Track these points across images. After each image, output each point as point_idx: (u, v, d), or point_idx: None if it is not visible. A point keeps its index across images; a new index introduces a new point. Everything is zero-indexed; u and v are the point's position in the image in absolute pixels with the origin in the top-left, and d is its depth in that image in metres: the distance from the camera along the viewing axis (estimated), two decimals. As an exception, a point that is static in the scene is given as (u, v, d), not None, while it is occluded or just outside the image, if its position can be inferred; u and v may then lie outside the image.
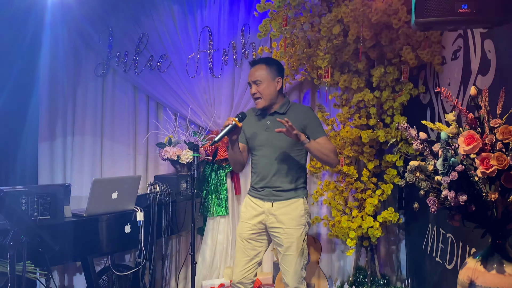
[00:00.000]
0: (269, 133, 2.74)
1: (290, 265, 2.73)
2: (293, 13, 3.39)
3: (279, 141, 2.71)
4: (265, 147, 2.75)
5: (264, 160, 2.75)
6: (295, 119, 2.66)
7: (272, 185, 2.73)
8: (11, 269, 2.03)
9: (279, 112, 2.75)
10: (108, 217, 3.11)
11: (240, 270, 2.81)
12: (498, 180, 1.69)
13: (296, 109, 2.79)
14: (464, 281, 1.78)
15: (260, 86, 2.71)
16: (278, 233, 2.73)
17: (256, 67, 2.74)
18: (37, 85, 4.15)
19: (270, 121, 2.76)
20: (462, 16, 1.83)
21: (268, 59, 2.82)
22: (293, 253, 2.71)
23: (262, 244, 2.83)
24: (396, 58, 3.37)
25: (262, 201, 2.76)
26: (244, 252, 2.81)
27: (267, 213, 2.75)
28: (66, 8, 4.05)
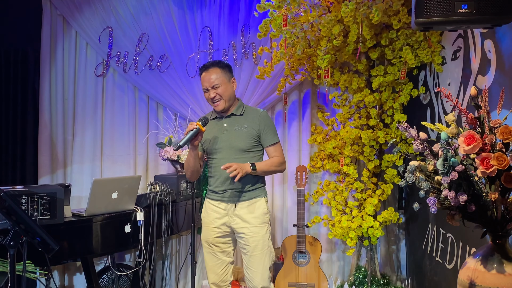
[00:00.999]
0: (227, 135, 2.75)
1: (258, 265, 2.72)
2: (293, 13, 3.39)
3: (238, 142, 2.73)
4: (224, 149, 2.75)
5: (223, 162, 2.70)
6: (252, 122, 2.74)
7: (233, 186, 2.73)
8: (11, 269, 2.03)
9: (236, 114, 2.78)
10: (108, 217, 3.11)
11: (214, 274, 2.82)
12: (498, 180, 1.69)
13: (252, 112, 2.81)
14: (464, 281, 1.78)
15: (219, 89, 2.71)
16: (243, 233, 2.73)
17: (210, 71, 2.73)
18: (37, 84, 4.16)
19: (227, 123, 2.77)
20: (462, 16, 1.83)
21: (219, 62, 2.80)
22: (260, 252, 2.72)
23: (229, 245, 2.83)
24: (396, 58, 3.37)
25: (225, 203, 2.76)
26: (214, 256, 2.81)
27: (231, 215, 2.75)
28: (66, 8, 4.06)
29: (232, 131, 2.74)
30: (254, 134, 2.74)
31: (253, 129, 2.74)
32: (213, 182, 2.82)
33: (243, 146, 2.72)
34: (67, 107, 4.16)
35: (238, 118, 2.76)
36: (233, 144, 2.73)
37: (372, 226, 3.52)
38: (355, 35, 3.20)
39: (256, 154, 2.78)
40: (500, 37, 2.20)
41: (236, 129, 2.74)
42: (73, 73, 4.17)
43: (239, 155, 2.72)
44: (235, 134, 2.73)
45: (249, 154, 2.74)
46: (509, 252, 1.74)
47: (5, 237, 2.10)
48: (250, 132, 2.73)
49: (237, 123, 2.75)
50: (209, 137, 2.78)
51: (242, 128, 2.74)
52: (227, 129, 2.75)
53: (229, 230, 2.79)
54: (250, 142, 2.73)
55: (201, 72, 2.77)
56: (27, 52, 4.17)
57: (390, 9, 3.12)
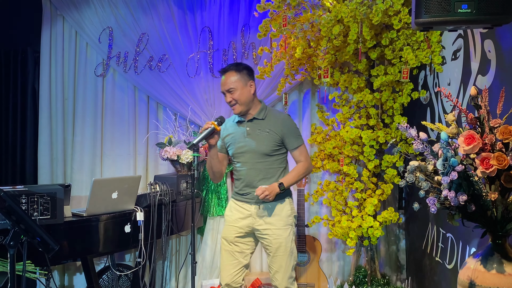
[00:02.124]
0: (250, 139, 2.75)
1: (280, 266, 2.73)
2: (293, 13, 3.39)
3: (259, 146, 2.73)
4: (247, 153, 2.76)
5: (247, 166, 2.75)
6: (274, 126, 2.73)
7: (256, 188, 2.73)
8: (11, 269, 2.03)
9: (258, 118, 2.77)
10: (108, 217, 3.11)
11: (228, 273, 2.80)
12: (498, 180, 1.69)
13: (274, 116, 2.80)
14: (464, 281, 1.78)
15: (235, 94, 2.71)
16: (267, 234, 2.74)
17: (227, 75, 2.73)
18: (37, 84, 4.16)
19: (249, 127, 2.77)
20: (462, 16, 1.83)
21: (237, 65, 2.80)
22: (282, 253, 2.72)
23: (249, 246, 2.83)
24: (396, 58, 3.37)
25: (249, 204, 2.77)
26: (232, 255, 2.81)
27: (254, 216, 2.76)
28: (66, 8, 4.06)
29: (254, 135, 2.74)
30: (277, 138, 2.74)
31: (276, 133, 2.73)
32: (237, 184, 2.84)
33: (265, 150, 2.73)
34: (67, 107, 4.16)
35: (260, 122, 2.76)
36: (256, 149, 2.73)
37: (372, 226, 3.52)
38: (355, 34, 3.20)
39: (279, 157, 2.78)
40: (500, 37, 2.20)
41: (258, 134, 2.74)
42: (73, 73, 4.17)
43: (262, 159, 2.73)
44: (257, 139, 2.73)
45: (272, 157, 2.75)
46: (509, 252, 1.74)
47: (5, 237, 2.10)
48: (273, 137, 2.73)
49: (259, 127, 2.75)
50: (232, 141, 2.80)
51: (264, 133, 2.73)
52: (250, 133, 2.76)
53: (251, 231, 2.79)
54: (273, 146, 2.73)
55: (220, 75, 2.79)
56: (27, 52, 4.17)
57: (391, 9, 3.12)
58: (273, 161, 2.75)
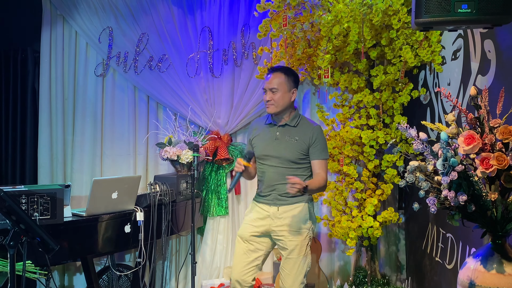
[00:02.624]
0: (278, 144, 2.76)
1: (292, 268, 2.73)
2: (293, 13, 3.39)
3: (287, 153, 2.73)
4: (273, 158, 2.76)
5: (271, 169, 2.76)
6: (304, 135, 2.73)
7: (278, 191, 2.75)
8: (11, 269, 2.03)
9: (290, 125, 2.77)
10: (108, 217, 3.11)
11: (238, 270, 2.80)
12: (498, 180, 1.69)
13: (306, 125, 2.79)
14: (464, 281, 1.78)
15: (276, 95, 2.71)
16: (283, 236, 2.74)
17: (275, 75, 2.74)
18: (37, 84, 4.16)
19: (279, 132, 2.78)
20: (462, 16, 1.83)
21: (287, 69, 2.81)
22: (296, 256, 2.72)
23: (263, 246, 2.82)
24: (396, 58, 3.37)
25: (268, 206, 2.78)
26: (245, 253, 2.81)
27: (273, 217, 2.76)
28: (66, 8, 4.06)
29: (283, 141, 2.74)
30: (304, 148, 2.73)
31: (304, 142, 2.72)
32: (260, 185, 2.85)
33: (291, 157, 2.72)
34: (67, 107, 4.16)
35: (291, 129, 2.76)
36: (282, 154, 2.73)
37: (372, 226, 3.52)
38: (356, 34, 3.20)
39: (303, 166, 2.77)
40: (500, 37, 2.20)
41: (287, 140, 2.74)
42: (73, 73, 4.17)
43: (286, 165, 2.73)
44: (285, 145, 2.73)
45: (296, 165, 2.75)
46: (509, 252, 1.74)
47: (5, 237, 2.10)
48: (300, 145, 2.73)
49: (289, 134, 2.75)
50: (260, 142, 2.81)
51: (293, 140, 2.73)
52: (279, 138, 2.76)
53: (267, 232, 2.79)
54: (299, 154, 2.73)
55: (268, 73, 2.80)
56: (27, 52, 4.17)
57: (390, 8, 3.12)
58: (297, 168, 2.74)
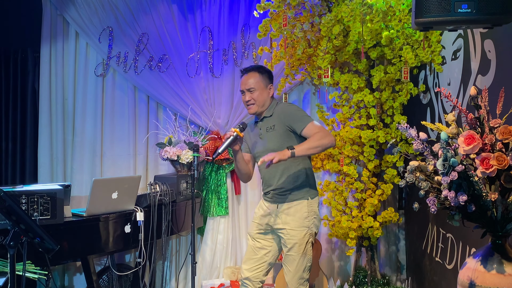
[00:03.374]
0: (263, 140, 2.78)
1: (291, 265, 2.75)
2: (293, 13, 3.39)
3: (270, 145, 2.72)
4: (263, 154, 2.71)
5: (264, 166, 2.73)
6: (278, 120, 2.72)
7: (276, 188, 2.76)
8: (11, 269, 2.03)
9: (267, 116, 2.78)
10: (108, 217, 3.11)
11: (248, 267, 2.84)
12: (498, 180, 1.69)
13: (277, 110, 2.77)
14: (464, 281, 1.78)
15: (254, 94, 2.73)
16: (282, 233, 2.77)
17: (249, 75, 2.76)
18: (37, 84, 4.16)
19: (261, 127, 2.80)
20: (462, 16, 1.83)
21: (260, 67, 2.83)
22: (295, 253, 2.73)
23: (271, 243, 2.84)
24: (396, 58, 3.37)
25: (269, 203, 2.81)
26: (253, 250, 2.85)
27: (273, 215, 2.79)
28: (66, 8, 4.06)
29: (265, 134, 2.76)
30: (284, 130, 2.69)
31: (280, 126, 2.69)
32: (262, 184, 2.89)
33: (275, 147, 2.67)
34: (67, 107, 4.16)
35: (268, 120, 2.76)
36: (268, 147, 2.72)
37: (372, 226, 3.52)
38: (356, 34, 3.20)
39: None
40: (500, 37, 2.20)
41: (268, 131, 2.75)
42: (73, 73, 4.17)
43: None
44: (267, 137, 2.75)
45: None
46: (509, 252, 1.74)
47: (5, 237, 2.10)
48: (278, 131, 2.71)
49: (267, 125, 2.76)
50: (251, 142, 2.85)
51: (271, 130, 2.74)
52: (262, 133, 2.79)
53: (270, 229, 2.82)
54: (282, 141, 2.68)
55: (242, 74, 2.81)
56: (27, 52, 4.17)
57: (391, 9, 3.12)
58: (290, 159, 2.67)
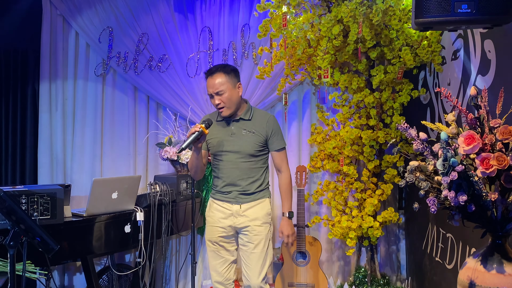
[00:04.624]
0: (235, 139, 2.75)
1: (256, 263, 2.75)
2: (293, 13, 3.39)
3: (246, 147, 2.73)
4: (231, 153, 2.75)
5: (230, 165, 2.75)
6: (260, 127, 2.75)
7: (239, 188, 2.75)
8: (11, 269, 2.03)
9: (245, 119, 2.76)
10: (108, 217, 3.11)
11: (217, 273, 2.84)
12: (498, 180, 1.69)
13: (260, 117, 2.80)
14: (464, 281, 1.78)
15: (224, 96, 2.68)
16: (247, 231, 2.76)
17: (214, 77, 2.68)
18: (37, 84, 4.15)
19: (234, 126, 2.77)
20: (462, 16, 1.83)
21: (224, 66, 2.75)
22: (261, 250, 2.75)
23: (233, 244, 2.86)
24: (396, 58, 3.37)
25: (230, 204, 2.78)
26: (218, 255, 2.83)
27: (236, 215, 2.77)
28: (66, 8, 4.06)
29: (240, 135, 2.74)
30: (262, 140, 2.75)
31: (261, 134, 2.74)
32: (219, 183, 2.82)
33: (250, 151, 2.73)
34: (67, 107, 4.16)
35: (246, 123, 2.76)
36: (241, 149, 2.73)
37: (372, 226, 3.52)
38: (355, 34, 3.20)
39: (262, 158, 2.80)
40: (500, 37, 2.20)
41: (244, 134, 2.73)
42: (73, 73, 4.17)
43: (246, 159, 2.74)
44: (243, 139, 2.73)
45: (256, 158, 2.76)
46: (509, 252, 1.74)
47: (5, 237, 2.10)
48: (258, 137, 2.74)
49: (245, 128, 2.75)
50: (215, 139, 2.78)
51: (250, 133, 2.73)
52: (235, 132, 2.75)
53: (233, 231, 2.82)
54: (257, 147, 2.74)
55: (206, 76, 2.74)
56: (27, 52, 4.16)
57: (391, 8, 3.12)
58: (257, 161, 2.77)
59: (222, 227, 2.80)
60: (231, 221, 2.78)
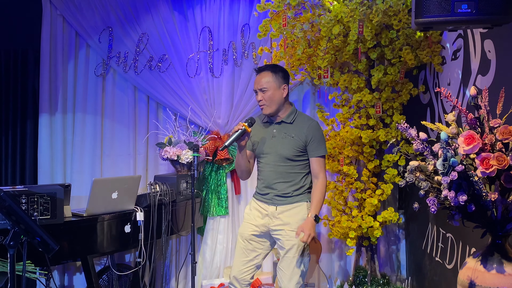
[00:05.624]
0: (275, 141, 2.76)
1: (288, 268, 2.72)
2: (293, 13, 3.39)
3: (283, 150, 2.72)
4: (270, 155, 2.76)
5: (268, 167, 2.76)
6: (300, 132, 2.72)
7: (275, 191, 2.75)
8: (11, 269, 2.03)
9: (286, 122, 2.77)
10: (108, 217, 3.11)
11: (237, 269, 2.82)
12: (498, 180, 1.69)
13: (302, 120, 2.79)
14: (464, 281, 1.78)
15: (266, 94, 2.71)
16: (280, 235, 2.74)
17: (262, 75, 2.74)
18: (37, 84, 4.15)
19: (276, 129, 2.78)
20: (462, 16, 1.83)
21: (274, 66, 2.80)
22: (292, 255, 2.71)
23: (262, 246, 2.82)
24: (396, 58, 3.37)
25: (267, 205, 2.79)
26: (244, 252, 2.82)
27: (271, 216, 2.76)
28: (66, 8, 4.06)
29: (280, 138, 2.74)
30: (300, 145, 2.72)
31: (300, 139, 2.72)
32: (259, 184, 2.85)
33: (287, 154, 2.72)
34: (67, 107, 4.16)
35: (288, 126, 2.76)
36: (279, 152, 2.73)
37: (372, 226, 3.52)
38: (356, 34, 3.20)
39: (301, 163, 2.76)
40: (500, 37, 2.20)
41: (283, 137, 2.74)
42: (73, 73, 4.17)
43: (283, 163, 2.73)
44: (281, 142, 2.73)
45: (294, 162, 2.74)
46: (509, 252, 1.75)
47: (5, 237, 2.10)
48: (296, 142, 2.72)
49: (286, 131, 2.75)
50: (258, 140, 2.81)
51: (289, 137, 2.73)
52: (276, 135, 2.76)
53: (266, 231, 2.79)
54: (295, 151, 2.72)
55: (256, 73, 2.80)
56: (27, 52, 4.16)
57: (390, 9, 3.12)
58: (295, 166, 2.74)
59: (256, 225, 2.80)
60: (266, 221, 2.78)
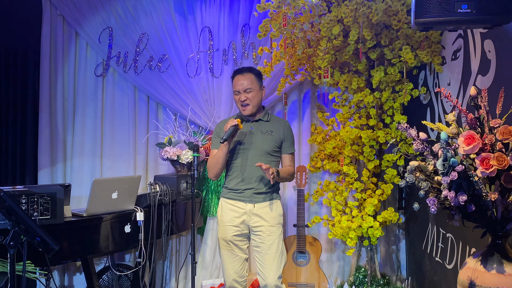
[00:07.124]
0: (254, 137, 2.89)
1: (272, 263, 2.82)
2: (293, 13, 3.39)
3: (264, 145, 2.87)
4: (250, 150, 2.88)
5: (247, 162, 2.87)
6: (277, 129, 2.92)
7: (255, 187, 2.86)
8: (11, 269, 2.03)
9: (263, 120, 2.94)
10: (108, 217, 3.11)
11: (232, 270, 2.91)
12: (498, 180, 1.69)
13: (277, 119, 3.03)
14: (464, 281, 1.78)
15: (251, 94, 2.85)
16: (260, 231, 2.84)
17: (245, 76, 2.87)
18: (37, 84, 4.15)
19: (254, 126, 2.92)
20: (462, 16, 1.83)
21: (254, 69, 2.98)
22: (275, 250, 2.83)
23: (245, 242, 2.95)
24: (396, 58, 3.37)
25: (244, 203, 2.87)
26: (232, 254, 2.92)
27: (249, 214, 2.86)
28: (66, 8, 4.06)
29: (259, 134, 2.89)
30: (278, 141, 2.91)
31: (278, 136, 2.91)
32: (233, 181, 2.91)
33: (268, 149, 2.88)
34: (67, 107, 4.16)
35: (265, 124, 2.93)
36: (260, 146, 2.87)
37: (372, 226, 3.52)
38: (356, 34, 3.20)
39: (276, 159, 2.95)
40: (500, 37, 2.20)
41: (263, 133, 2.89)
42: (73, 73, 4.17)
43: (263, 157, 2.85)
44: (261, 137, 2.88)
45: (271, 157, 2.90)
46: (509, 252, 1.75)
47: (5, 237, 2.10)
48: (275, 138, 2.90)
49: (263, 128, 2.91)
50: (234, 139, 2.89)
51: (269, 133, 2.90)
52: (253, 132, 2.90)
53: (246, 229, 2.90)
54: (274, 147, 2.89)
55: (235, 74, 2.92)
56: (27, 52, 4.16)
57: (390, 9, 3.12)
58: (272, 161, 2.89)
59: (235, 226, 2.89)
60: (244, 219, 2.87)
